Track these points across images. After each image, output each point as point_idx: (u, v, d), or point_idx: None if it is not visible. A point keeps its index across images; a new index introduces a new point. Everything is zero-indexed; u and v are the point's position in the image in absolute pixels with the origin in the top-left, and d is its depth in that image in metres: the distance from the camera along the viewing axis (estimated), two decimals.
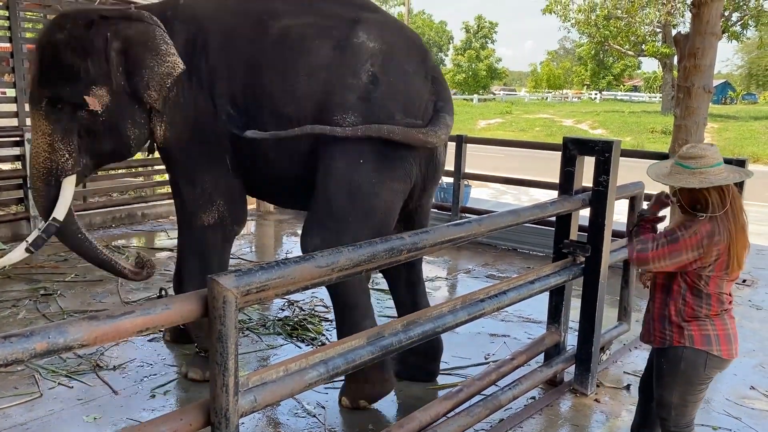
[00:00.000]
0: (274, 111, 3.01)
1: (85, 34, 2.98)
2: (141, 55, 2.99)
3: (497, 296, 2.77)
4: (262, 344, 3.91)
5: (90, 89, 2.99)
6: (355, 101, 2.91)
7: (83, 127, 3.07)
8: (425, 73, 3.09)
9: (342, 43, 2.97)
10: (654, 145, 20.18)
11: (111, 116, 3.06)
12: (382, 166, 2.92)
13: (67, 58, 2.95)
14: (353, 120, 2.88)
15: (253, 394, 1.80)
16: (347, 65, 2.94)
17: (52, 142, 3.06)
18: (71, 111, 3.03)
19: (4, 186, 6.20)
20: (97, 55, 2.98)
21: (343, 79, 2.93)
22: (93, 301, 4.51)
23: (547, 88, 49.49)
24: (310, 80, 2.96)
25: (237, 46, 3.11)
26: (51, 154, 3.07)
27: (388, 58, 2.99)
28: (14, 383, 3.31)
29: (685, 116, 5.22)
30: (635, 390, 3.44)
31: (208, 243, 3.31)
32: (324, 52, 2.97)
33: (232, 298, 1.64)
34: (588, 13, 29.71)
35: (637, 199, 3.71)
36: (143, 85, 3.01)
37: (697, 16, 5.09)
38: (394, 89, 2.95)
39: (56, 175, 3.10)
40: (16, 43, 5.96)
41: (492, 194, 10.39)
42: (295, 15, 3.09)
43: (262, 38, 3.06)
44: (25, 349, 1.36)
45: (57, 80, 2.99)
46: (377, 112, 2.90)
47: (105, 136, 3.12)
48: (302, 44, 3.00)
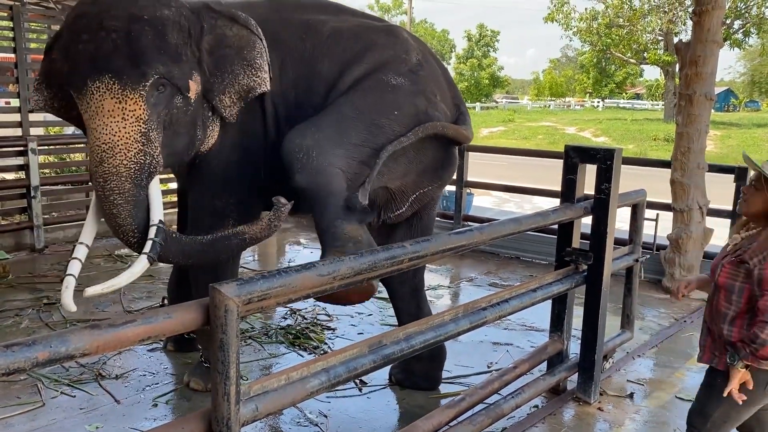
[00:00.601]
0: (329, 94, 3.03)
1: (192, 16, 2.79)
2: (230, 58, 2.87)
3: (499, 304, 2.77)
4: (265, 353, 3.91)
5: (192, 73, 2.75)
6: (407, 71, 3.06)
7: (171, 117, 2.73)
8: (447, 78, 3.33)
9: (393, 31, 3.24)
10: (657, 152, 20.20)
11: (196, 109, 2.82)
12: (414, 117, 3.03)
13: (175, 36, 2.68)
14: (402, 81, 3.02)
15: (254, 403, 1.80)
16: (400, 45, 3.15)
17: (148, 131, 2.61)
18: (169, 96, 2.69)
19: (8, 195, 6.23)
20: (195, 42, 2.79)
21: (399, 54, 3.11)
22: (95, 311, 4.51)
23: (549, 96, 49.59)
24: (364, 57, 3.06)
25: (288, 46, 3.10)
26: (146, 145, 2.61)
27: (426, 55, 3.25)
28: (17, 392, 3.31)
29: (687, 124, 5.22)
30: (638, 398, 3.44)
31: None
32: (376, 36, 3.15)
33: (234, 307, 1.64)
34: (590, 21, 29.81)
35: (639, 206, 3.71)
36: (220, 88, 2.87)
37: (698, 24, 5.10)
38: (434, 75, 3.19)
39: (150, 171, 2.65)
40: (20, 54, 6.00)
41: (494, 202, 10.39)
42: (340, 20, 3.23)
43: (314, 35, 3.11)
44: (27, 358, 1.37)
45: (167, 58, 2.64)
46: (423, 83, 3.08)
47: (184, 130, 2.83)
48: (356, 34, 3.14)
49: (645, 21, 28.44)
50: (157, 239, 2.64)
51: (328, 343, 4.06)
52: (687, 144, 5.22)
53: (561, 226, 3.27)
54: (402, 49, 3.13)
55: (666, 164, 5.57)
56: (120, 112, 2.55)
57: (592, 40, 30.99)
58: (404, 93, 2.99)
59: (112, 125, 2.55)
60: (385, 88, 2.97)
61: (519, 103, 47.70)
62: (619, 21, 28.80)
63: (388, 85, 2.98)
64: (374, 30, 3.21)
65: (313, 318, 4.47)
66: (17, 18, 5.97)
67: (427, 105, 3.02)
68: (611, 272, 3.34)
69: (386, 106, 2.94)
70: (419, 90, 3.04)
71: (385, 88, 2.98)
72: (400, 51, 3.12)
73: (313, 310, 4.61)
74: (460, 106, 3.29)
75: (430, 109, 3.02)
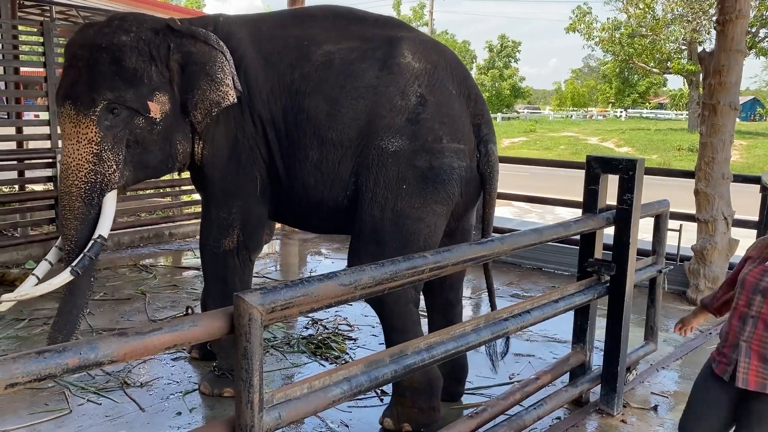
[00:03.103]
0: (317, 135, 2.99)
1: (153, 38, 2.96)
2: (197, 75, 2.99)
3: (521, 315, 2.76)
4: (287, 362, 3.93)
5: (153, 95, 2.94)
6: (404, 123, 2.89)
7: (135, 136, 2.95)
8: (468, 93, 3.08)
9: (388, 62, 2.95)
10: (681, 163, 19.97)
11: (166, 126, 3.01)
12: (426, 189, 2.90)
13: (133, 60, 2.89)
14: (400, 143, 2.86)
15: (277, 411, 1.82)
16: (395, 85, 2.92)
17: (101, 151, 2.87)
18: (127, 118, 2.90)
19: (37, 206, 6.36)
20: (161, 62, 2.97)
21: (392, 101, 2.91)
22: (121, 319, 4.58)
23: (571, 106, 49.32)
24: (357, 103, 2.94)
25: (278, 71, 3.09)
26: (97, 165, 2.88)
27: (433, 79, 2.97)
28: (45, 399, 3.37)
29: (711, 134, 5.17)
30: (662, 410, 3.40)
31: (228, 266, 3.33)
32: (370, 74, 2.95)
33: (258, 315, 1.67)
34: (612, 31, 29.70)
35: (662, 217, 3.68)
36: (192, 104, 3.02)
37: (722, 33, 5.06)
38: (442, 111, 2.93)
39: (100, 190, 2.91)
40: (49, 68, 6.14)
41: (516, 213, 10.35)
42: (335, 41, 3.08)
43: (304, 64, 3.05)
44: (58, 364, 1.40)
45: (119, 83, 2.86)
46: (425, 134, 2.88)
47: (155, 147, 3.04)
48: (347, 68, 2.99)
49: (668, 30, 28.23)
50: (89, 253, 2.88)
51: (350, 353, 4.08)
52: (711, 154, 5.17)
53: (583, 237, 3.26)
54: (397, 91, 2.91)
55: (690, 174, 5.52)
56: (75, 135, 2.87)
57: (614, 49, 30.85)
58: (404, 159, 2.88)
59: (69, 148, 2.90)
60: (386, 160, 2.88)
61: (541, 114, 47.52)
62: (641, 30, 28.62)
63: (387, 155, 2.88)
64: (367, 59, 3.00)
65: (334, 328, 4.49)
66: (47, 33, 6.11)
67: (430, 160, 2.89)
68: (634, 283, 3.31)
69: (394, 186, 2.89)
70: (420, 146, 2.89)
71: (385, 160, 2.88)
72: (394, 94, 2.91)
73: (334, 320, 4.63)
74: (482, 126, 3.09)
75: (434, 162, 2.89)
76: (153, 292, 5.21)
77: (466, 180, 3.04)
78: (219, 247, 3.29)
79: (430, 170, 2.89)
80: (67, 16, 9.23)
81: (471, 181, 3.07)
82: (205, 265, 3.45)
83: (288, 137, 3.08)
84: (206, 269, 3.45)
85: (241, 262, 3.35)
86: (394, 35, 3.08)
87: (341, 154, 2.99)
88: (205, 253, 3.40)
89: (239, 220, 3.24)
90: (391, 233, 2.90)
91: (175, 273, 5.90)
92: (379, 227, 2.93)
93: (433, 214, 2.95)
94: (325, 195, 3.09)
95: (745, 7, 5.00)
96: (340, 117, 2.95)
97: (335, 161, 3.01)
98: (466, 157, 3.00)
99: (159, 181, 7.71)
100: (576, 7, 30.15)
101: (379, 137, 2.89)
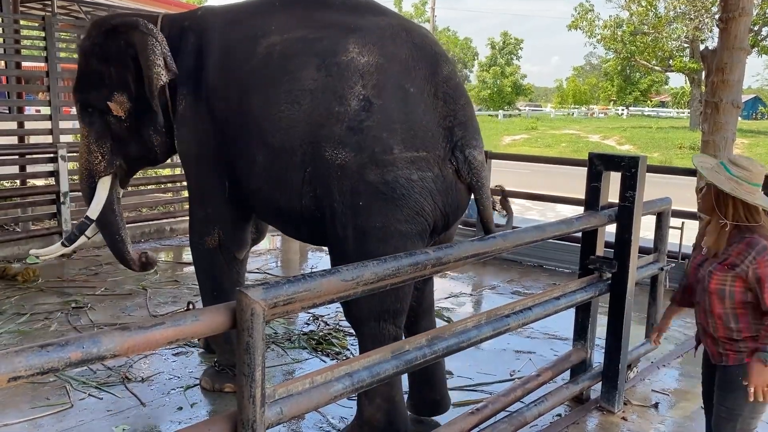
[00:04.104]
0: (261, 138, 2.76)
1: (104, 41, 3.14)
2: (144, 62, 3.06)
3: (522, 312, 2.76)
4: (288, 358, 3.94)
5: (112, 95, 3.16)
6: (345, 132, 2.53)
7: (112, 131, 3.27)
8: (435, 90, 2.63)
9: (327, 61, 2.61)
10: (682, 160, 19.93)
11: (134, 122, 3.23)
12: (385, 207, 2.56)
13: (93, 64, 3.16)
14: (344, 155, 2.52)
15: (279, 406, 1.82)
16: (332, 89, 2.57)
17: (88, 144, 3.31)
18: (100, 116, 3.23)
19: (38, 201, 6.36)
20: (115, 62, 3.13)
21: (329, 107, 2.56)
22: (122, 315, 4.58)
23: (573, 103, 49.25)
24: (292, 108, 2.65)
25: (231, 66, 2.90)
26: (87, 155, 3.32)
27: (383, 77, 2.57)
28: (46, 394, 3.38)
29: (713, 132, 5.17)
30: (663, 408, 3.40)
31: (214, 263, 3.33)
32: (306, 74, 2.63)
33: (260, 310, 1.67)
34: (614, 28, 29.61)
35: (664, 214, 3.68)
36: (149, 91, 3.07)
37: (724, 31, 5.05)
38: (391, 116, 2.54)
39: (92, 176, 3.36)
40: (51, 63, 6.14)
41: (518, 210, 10.29)
42: (285, 30, 2.78)
43: (250, 58, 2.81)
44: (60, 358, 1.41)
45: (86, 86, 3.22)
46: (371, 144, 2.51)
47: (132, 141, 3.31)
48: (284, 65, 2.70)
49: (670, 28, 28.14)
50: (74, 230, 3.47)
51: (351, 349, 4.08)
52: (713, 152, 5.16)
53: (585, 234, 3.26)
54: (333, 96, 2.57)
55: (692, 172, 5.50)
56: (81, 129, 3.38)
57: (616, 47, 30.75)
58: (351, 173, 2.55)
59: (80, 139, 3.44)
60: (335, 174, 2.57)
61: (542, 111, 47.45)
62: (643, 28, 28.53)
63: (335, 168, 2.57)
64: (305, 54, 2.67)
65: (335, 324, 4.49)
66: (49, 28, 6.11)
67: (382, 174, 2.52)
68: (636, 281, 3.31)
69: (352, 202, 2.58)
70: (367, 158, 2.53)
71: (334, 173, 2.58)
72: (330, 99, 2.57)
73: (335, 315, 4.63)
74: (455, 129, 2.62)
75: (387, 176, 2.52)
76: (154, 287, 5.21)
77: (441, 191, 2.63)
78: (203, 244, 3.29)
79: (384, 185, 2.53)
80: (69, 10, 9.22)
81: (448, 191, 2.65)
82: (194, 261, 3.48)
83: (238, 138, 2.88)
84: (195, 265, 3.48)
85: (226, 259, 3.31)
86: (353, 23, 2.69)
87: (287, 161, 2.71)
88: (193, 250, 3.42)
89: (216, 218, 3.21)
90: (356, 255, 2.48)
91: (176, 268, 5.91)
92: (344, 247, 2.64)
93: (399, 236, 2.57)
94: (281, 202, 2.83)
95: (747, 5, 4.99)
96: (277, 122, 2.69)
97: (282, 168, 2.73)
98: (431, 166, 2.58)
99: (160, 176, 7.74)
100: (578, 5, 30.06)
101: (323, 148, 2.58)
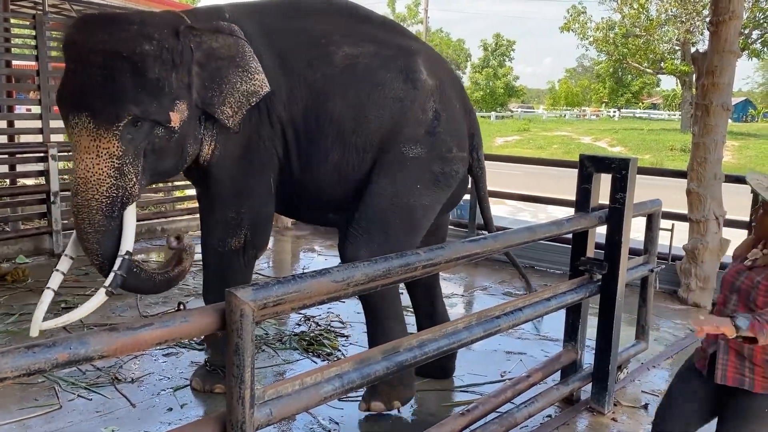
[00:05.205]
0: (341, 138, 3.10)
1: (176, 44, 2.79)
2: (224, 69, 2.89)
3: (513, 313, 2.76)
4: (279, 359, 3.93)
5: (174, 104, 2.78)
6: (423, 135, 3.17)
7: (153, 145, 2.81)
8: (465, 106, 3.42)
9: (411, 76, 3.16)
10: (673, 162, 20.06)
11: (182, 133, 2.87)
12: (435, 189, 3.24)
13: (156, 71, 2.71)
14: (419, 151, 3.14)
15: (269, 407, 1.81)
16: (418, 101, 3.15)
17: (122, 165, 2.70)
18: (149, 129, 2.75)
19: (28, 201, 6.33)
20: (182, 68, 2.82)
21: (416, 114, 3.15)
22: (112, 315, 4.56)
23: (565, 105, 49.41)
24: (383, 112, 3.11)
25: (297, 70, 3.09)
26: (118, 179, 2.71)
27: (443, 95, 3.25)
28: (35, 394, 3.36)
29: (703, 134, 5.19)
30: (653, 409, 3.41)
31: (231, 265, 3.30)
32: (396, 85, 3.13)
33: (249, 312, 1.66)
34: (606, 31, 29.78)
35: (654, 216, 3.70)
36: (219, 100, 2.90)
37: (715, 34, 5.08)
38: (451, 125, 3.25)
39: (122, 203, 2.75)
40: (42, 61, 6.10)
41: (509, 211, 10.37)
42: (353, 43, 3.15)
43: (325, 64, 3.10)
44: (47, 358, 1.40)
45: (144, 96, 2.70)
46: (439, 145, 3.19)
47: (170, 154, 2.90)
48: (372, 76, 3.12)
49: (662, 31, 28.34)
50: (119, 272, 2.74)
51: (342, 350, 4.08)
52: (704, 154, 5.19)
53: (575, 236, 3.27)
54: (419, 106, 3.15)
55: (682, 174, 5.54)
56: (95, 149, 2.66)
57: (608, 49, 30.94)
58: (422, 164, 3.16)
59: (87, 161, 2.67)
60: (405, 163, 3.13)
61: (534, 113, 47.56)
62: (635, 31, 28.71)
63: (407, 159, 3.13)
64: (390, 69, 3.14)
65: (326, 325, 4.49)
66: (39, 26, 6.08)
67: (443, 167, 3.22)
68: (626, 282, 3.32)
69: (410, 184, 3.14)
70: (436, 155, 3.19)
71: (404, 163, 3.13)
72: (417, 109, 3.14)
73: (326, 317, 4.63)
74: (474, 136, 3.44)
75: (446, 169, 3.23)
76: None
77: (460, 182, 3.44)
78: (225, 246, 3.24)
79: (442, 175, 3.23)
80: (60, 9, 9.17)
81: (463, 183, 3.50)
82: (207, 264, 3.37)
83: (308, 138, 3.13)
84: (208, 267, 3.37)
85: (245, 261, 3.32)
86: (406, 45, 3.27)
87: (362, 158, 3.15)
88: (209, 252, 3.33)
89: (249, 219, 3.21)
90: (399, 223, 3.14)
91: None
92: (387, 219, 3.12)
93: (434, 209, 3.31)
94: (337, 193, 3.24)
95: (738, 9, 5.02)
96: (366, 124, 3.10)
97: (355, 164, 3.15)
98: (466, 164, 3.39)
99: None
100: (571, 7, 30.28)
101: (401, 144, 3.13)
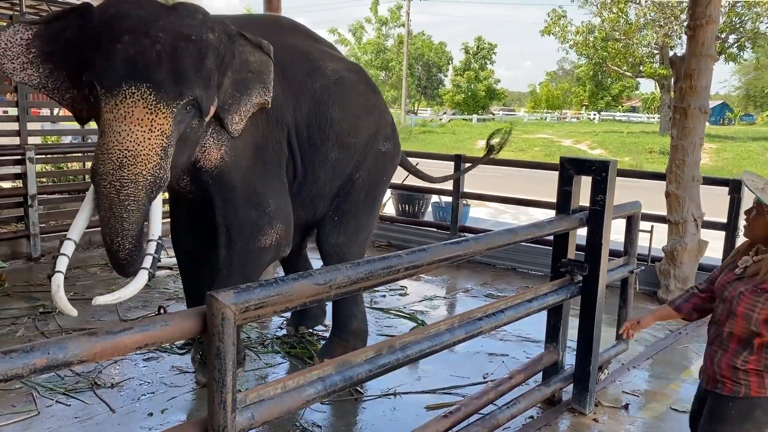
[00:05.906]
0: (339, 139, 3.61)
1: (229, 44, 2.88)
2: (250, 82, 2.97)
3: (495, 315, 2.78)
4: (261, 363, 3.91)
5: (213, 99, 2.83)
6: (390, 133, 3.96)
7: (185, 135, 2.76)
8: None
9: (374, 87, 3.95)
10: (652, 165, 20.28)
11: (204, 129, 2.92)
12: (392, 173, 4.04)
13: (211, 61, 2.74)
14: (389, 146, 3.90)
15: (250, 411, 1.80)
16: (384, 107, 3.98)
17: (167, 146, 2.62)
18: (191, 116, 2.73)
19: (5, 204, 6.23)
20: (223, 68, 2.87)
21: (387, 117, 3.96)
22: (92, 320, 4.50)
23: (545, 108, 49.73)
24: (369, 116, 3.78)
25: (298, 81, 3.48)
26: (163, 160, 2.60)
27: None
28: (12, 401, 3.30)
29: (681, 137, 5.26)
30: (633, 409, 3.45)
31: (259, 264, 3.37)
32: (371, 95, 3.85)
33: (231, 315, 1.65)
34: (586, 34, 30.05)
35: (634, 218, 3.73)
36: (235, 107, 2.97)
37: (692, 38, 5.15)
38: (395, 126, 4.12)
39: (159, 185, 2.64)
40: None
41: (491, 214, 10.42)
42: (329, 59, 3.70)
43: (320, 77, 3.56)
44: (25, 364, 1.37)
45: (201, 82, 2.70)
46: (396, 141, 4.01)
47: (188, 149, 2.86)
48: (356, 87, 3.76)
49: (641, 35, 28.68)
50: (156, 255, 2.68)
51: None
52: (682, 157, 5.26)
53: (556, 237, 3.29)
54: (386, 110, 3.96)
55: (661, 176, 5.61)
56: (149, 122, 2.54)
57: (588, 53, 31.24)
58: (390, 158, 3.95)
59: (138, 134, 2.53)
60: (379, 158, 3.85)
61: (515, 116, 47.85)
62: (615, 35, 29.01)
63: (380, 154, 3.85)
64: (361, 81, 3.83)
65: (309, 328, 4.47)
66: None
67: (396, 157, 4.04)
68: (606, 283, 3.35)
69: (383, 180, 3.95)
70: (396, 150, 4.00)
71: (378, 158, 3.85)
72: (385, 112, 3.94)
73: None
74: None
75: (397, 158, 4.07)
76: None
77: None
78: (256, 243, 3.27)
79: (396, 162, 4.07)
80: (38, 10, 9.05)
81: None
82: (232, 265, 3.31)
83: (310, 140, 3.53)
84: (233, 268, 3.31)
85: (273, 258, 3.49)
86: (350, 62, 4.08)
87: (352, 154, 3.70)
88: (235, 251, 3.28)
89: (278, 217, 3.33)
90: (366, 210, 3.88)
91: None
92: (359, 207, 3.82)
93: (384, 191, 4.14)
94: (329, 187, 3.71)
95: (715, 13, 5.09)
96: (358, 126, 3.69)
97: (347, 160, 3.69)
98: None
99: None
100: (551, 11, 30.47)
101: (379, 142, 3.83)
